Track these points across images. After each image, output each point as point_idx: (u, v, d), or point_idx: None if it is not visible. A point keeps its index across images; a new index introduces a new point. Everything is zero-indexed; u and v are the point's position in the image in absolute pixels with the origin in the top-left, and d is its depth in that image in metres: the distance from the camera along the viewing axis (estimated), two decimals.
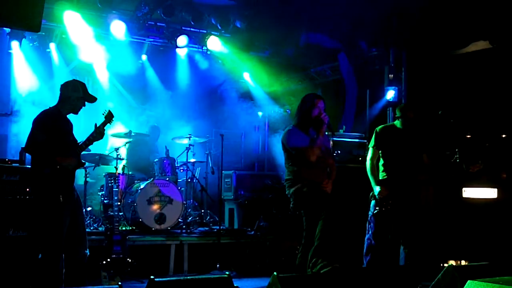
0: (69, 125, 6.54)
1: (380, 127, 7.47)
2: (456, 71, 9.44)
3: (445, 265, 6.20)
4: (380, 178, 7.30)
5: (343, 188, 7.54)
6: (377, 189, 7.16)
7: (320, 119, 6.76)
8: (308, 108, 6.88)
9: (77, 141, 6.54)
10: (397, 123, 7.42)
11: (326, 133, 7.07)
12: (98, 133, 6.44)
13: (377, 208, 7.16)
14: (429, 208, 7.94)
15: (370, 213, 7.23)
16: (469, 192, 8.20)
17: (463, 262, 7.99)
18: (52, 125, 6.27)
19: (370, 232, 7.22)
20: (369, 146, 7.45)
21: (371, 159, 7.34)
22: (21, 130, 10.53)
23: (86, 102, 6.56)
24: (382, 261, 7.07)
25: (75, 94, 6.46)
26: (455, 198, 8.28)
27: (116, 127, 10.78)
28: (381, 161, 7.37)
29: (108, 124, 6.61)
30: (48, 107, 6.51)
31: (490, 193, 8.12)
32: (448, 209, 8.41)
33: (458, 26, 9.01)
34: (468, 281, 5.17)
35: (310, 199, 6.73)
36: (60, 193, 6.18)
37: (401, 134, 7.34)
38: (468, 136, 8.32)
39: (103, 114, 6.58)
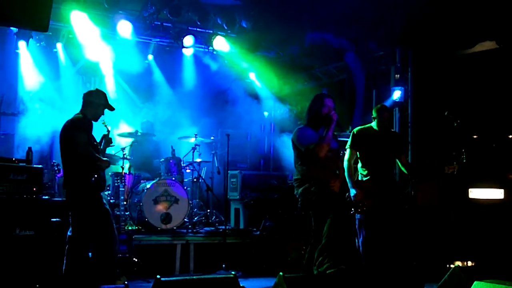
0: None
1: (357, 128, 7.44)
2: (462, 71, 9.43)
3: (452, 266, 6.20)
4: (359, 179, 7.29)
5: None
6: (353, 191, 7.10)
7: (329, 116, 6.84)
8: (318, 107, 6.98)
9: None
10: (374, 124, 7.40)
11: (335, 132, 7.09)
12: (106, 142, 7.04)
13: (352, 210, 7.13)
14: (432, 208, 7.96)
15: (356, 218, 7.22)
16: (475, 193, 8.19)
17: (469, 263, 7.98)
18: (86, 128, 6.76)
19: (361, 237, 7.20)
20: (346, 147, 7.40)
21: (348, 160, 7.25)
22: (27, 130, 10.56)
23: (105, 110, 6.99)
24: (378, 264, 7.05)
25: (98, 100, 6.91)
26: (462, 199, 8.28)
27: (122, 127, 10.80)
28: (359, 163, 7.36)
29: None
30: (74, 114, 6.88)
31: (497, 193, 8.10)
32: (455, 210, 8.40)
33: (465, 26, 8.99)
34: (475, 282, 5.18)
35: (318, 198, 6.74)
36: (100, 190, 6.87)
37: (377, 135, 7.31)
38: (475, 137, 8.32)
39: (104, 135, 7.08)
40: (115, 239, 6.91)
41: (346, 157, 7.29)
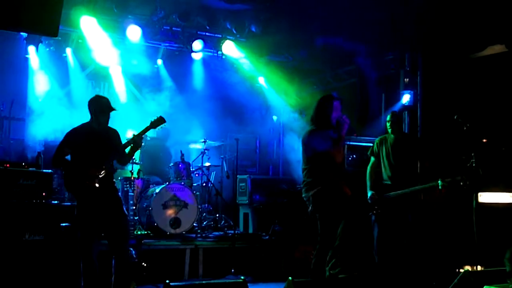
0: (99, 136, 6.43)
1: (380, 137, 8.08)
2: (472, 75, 9.39)
3: (461, 270, 6.17)
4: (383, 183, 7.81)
5: (357, 192, 7.57)
6: (369, 193, 7.72)
7: (342, 120, 6.67)
8: (328, 110, 6.79)
9: (109, 149, 6.42)
10: (390, 131, 7.91)
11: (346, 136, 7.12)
12: (134, 142, 6.51)
13: (371, 212, 7.67)
14: (440, 212, 8.03)
15: (372, 219, 7.50)
16: (485, 197, 8.14)
17: (479, 268, 7.94)
18: (73, 139, 6.31)
19: (375, 237, 7.45)
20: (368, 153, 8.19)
21: (370, 166, 7.99)
22: (37, 135, 10.59)
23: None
24: (388, 265, 7.16)
25: (93, 107, 6.43)
26: (471, 203, 8.23)
27: (131, 132, 10.79)
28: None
29: (153, 129, 6.74)
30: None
31: (506, 198, 8.05)
32: (464, 214, 8.36)
33: (474, 29, 8.96)
34: (484, 286, 5.15)
35: (332, 201, 6.58)
36: (84, 199, 6.26)
37: (392, 141, 7.86)
38: (484, 141, 8.26)
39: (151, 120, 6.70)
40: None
41: (370, 163, 7.99)
